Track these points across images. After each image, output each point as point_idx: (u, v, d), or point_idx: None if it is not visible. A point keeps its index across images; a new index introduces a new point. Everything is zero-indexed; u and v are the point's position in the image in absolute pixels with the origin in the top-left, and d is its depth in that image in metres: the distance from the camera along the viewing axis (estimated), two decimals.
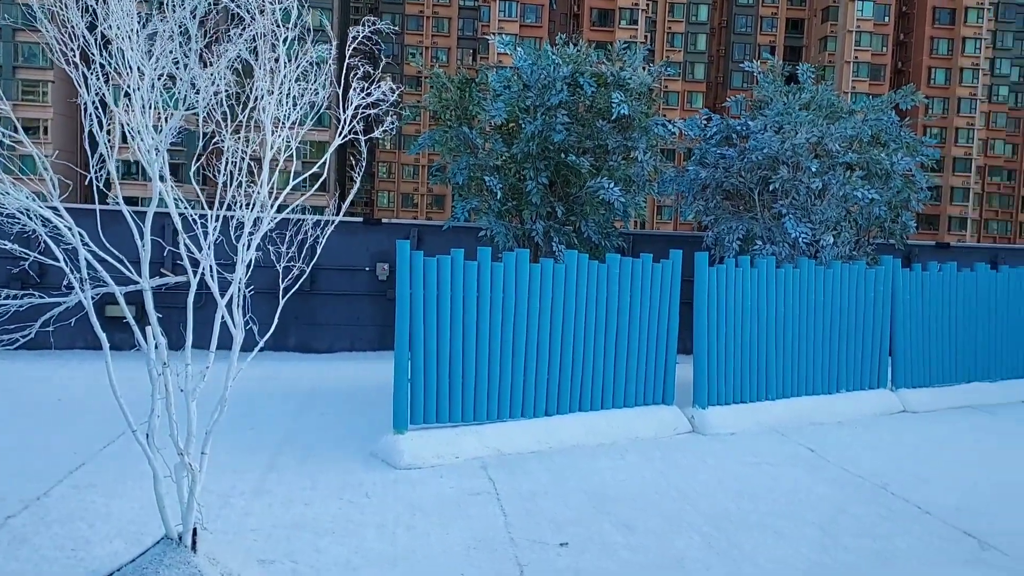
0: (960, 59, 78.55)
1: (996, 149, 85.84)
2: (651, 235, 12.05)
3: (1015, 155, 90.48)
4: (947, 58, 78.81)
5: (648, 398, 7.12)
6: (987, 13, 79.95)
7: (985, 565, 4.49)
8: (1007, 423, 8.05)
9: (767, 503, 5.39)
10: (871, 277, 8.44)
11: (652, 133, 8.51)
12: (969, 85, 78.90)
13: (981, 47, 79.72)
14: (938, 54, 78.90)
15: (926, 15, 78.67)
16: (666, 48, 74.06)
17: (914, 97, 9.56)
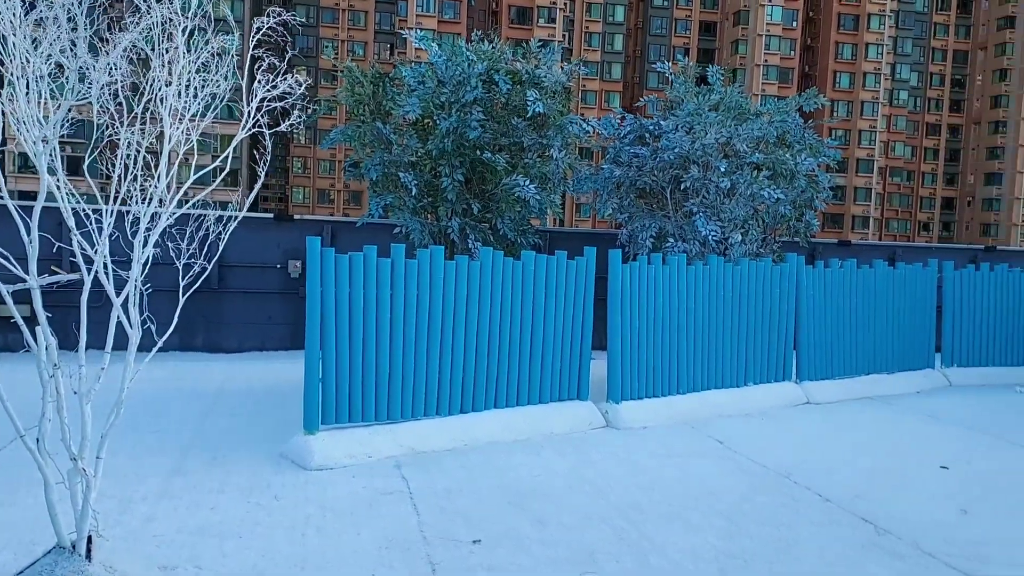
0: (863, 64, 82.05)
1: (896, 151, 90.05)
2: (567, 232, 12.18)
3: (914, 157, 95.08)
4: (851, 63, 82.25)
5: (563, 394, 7.19)
6: (888, 20, 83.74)
7: (880, 549, 4.69)
8: (903, 413, 8.44)
9: (677, 494, 5.50)
10: (777, 274, 8.71)
11: (567, 131, 8.58)
12: (871, 89, 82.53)
13: (883, 53, 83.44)
14: (843, 59, 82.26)
15: (831, 21, 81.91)
16: (584, 47, 75.00)
17: (816, 100, 9.93)
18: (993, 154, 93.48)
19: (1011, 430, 7.73)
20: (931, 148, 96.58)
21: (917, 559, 4.55)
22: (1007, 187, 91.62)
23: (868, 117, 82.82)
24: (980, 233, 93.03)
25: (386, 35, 69.87)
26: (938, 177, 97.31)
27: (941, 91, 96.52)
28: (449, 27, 58.71)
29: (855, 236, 79.96)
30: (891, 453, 6.85)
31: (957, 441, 7.33)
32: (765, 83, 75.08)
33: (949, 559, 4.55)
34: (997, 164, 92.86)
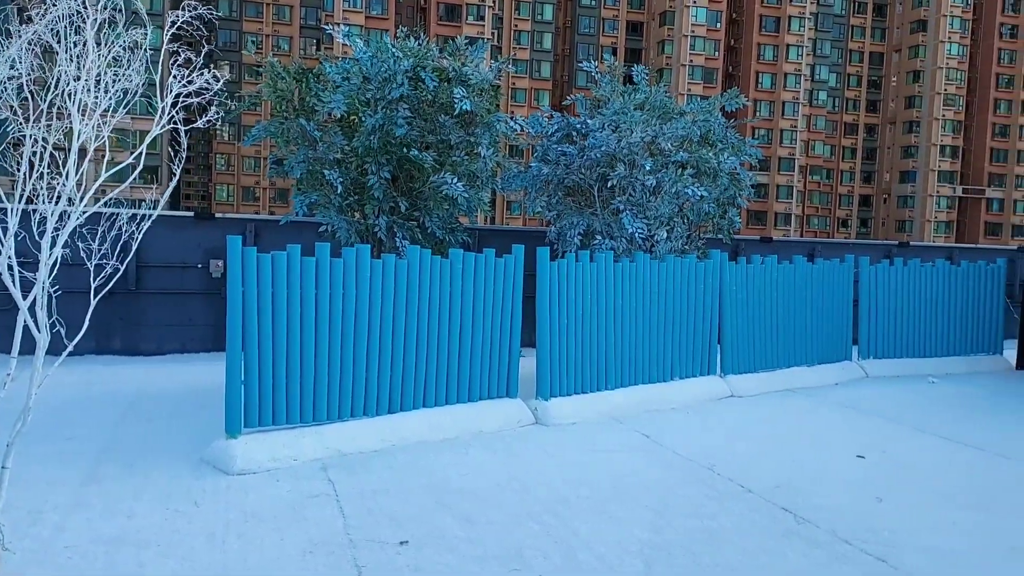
0: (784, 65, 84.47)
1: (816, 150, 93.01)
2: (497, 230, 12.18)
3: (833, 155, 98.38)
4: (773, 64, 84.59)
5: (493, 392, 7.19)
6: (808, 22, 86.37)
7: (799, 538, 4.83)
8: (822, 405, 8.71)
9: (604, 489, 5.57)
10: (701, 270, 8.88)
11: (495, 129, 8.58)
12: (792, 89, 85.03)
13: (803, 54, 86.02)
14: (764, 60, 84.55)
15: (754, 22, 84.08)
16: (513, 45, 75.22)
17: (737, 100, 10.16)
18: (907, 153, 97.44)
19: (923, 419, 8.06)
20: (849, 147, 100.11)
21: (834, 546, 4.71)
22: (920, 185, 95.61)
23: (789, 117, 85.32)
24: (896, 229, 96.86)
25: (312, 30, 68.72)
26: (856, 175, 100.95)
27: (858, 92, 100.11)
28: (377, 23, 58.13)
29: (778, 233, 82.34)
30: (810, 444, 7.07)
31: (873, 431, 7.60)
32: (691, 83, 76.63)
33: (864, 546, 4.72)
34: (911, 162, 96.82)
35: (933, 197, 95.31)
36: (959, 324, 11.08)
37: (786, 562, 4.47)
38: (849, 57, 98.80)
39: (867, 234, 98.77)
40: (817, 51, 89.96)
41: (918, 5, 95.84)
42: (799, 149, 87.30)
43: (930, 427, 7.72)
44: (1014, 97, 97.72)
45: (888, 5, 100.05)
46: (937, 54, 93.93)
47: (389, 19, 60.63)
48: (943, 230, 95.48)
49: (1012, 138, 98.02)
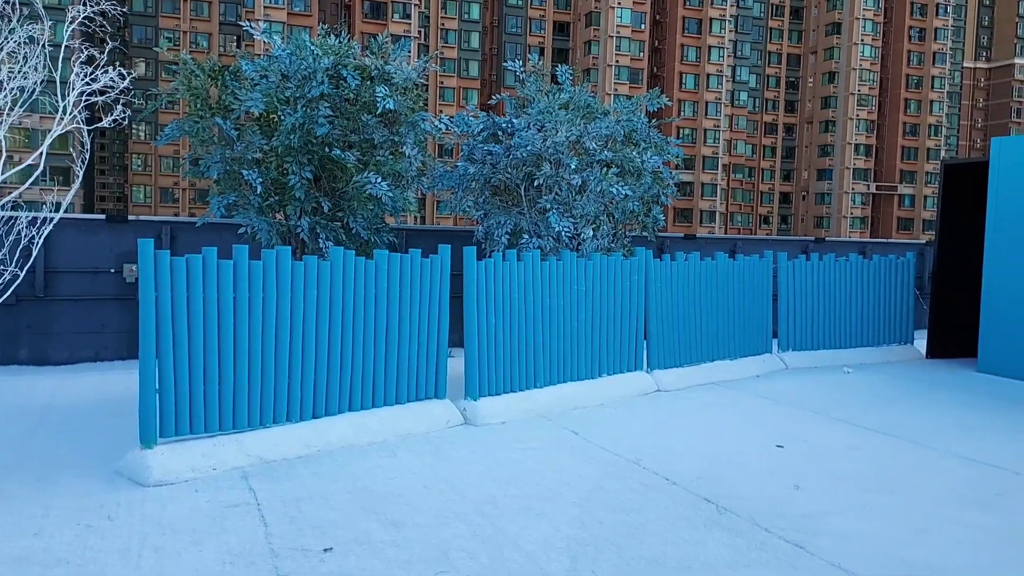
0: (707, 66, 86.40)
1: (738, 149, 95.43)
2: (425, 230, 12.10)
3: (754, 154, 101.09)
4: (696, 64, 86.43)
5: (420, 393, 7.14)
6: (728, 24, 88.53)
7: (720, 527, 4.93)
8: (744, 396, 8.92)
9: (532, 486, 5.58)
10: (627, 267, 8.98)
11: (419, 128, 8.52)
12: (715, 90, 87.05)
13: (724, 55, 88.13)
14: (688, 61, 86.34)
15: (677, 24, 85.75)
16: (440, 44, 74.95)
17: (659, 100, 10.33)
18: (824, 151, 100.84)
19: (839, 408, 8.33)
20: (769, 146, 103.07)
21: (754, 534, 4.82)
22: (836, 182, 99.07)
23: (712, 117, 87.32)
24: (814, 225, 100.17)
25: (232, 27, 67.10)
26: (776, 173, 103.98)
27: (777, 92, 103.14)
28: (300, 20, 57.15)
29: (703, 230, 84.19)
30: (732, 435, 7.23)
31: (792, 421, 7.82)
32: (617, 83, 77.70)
33: (783, 533, 4.85)
34: (827, 161, 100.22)
35: (849, 194, 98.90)
36: (872, 316, 11.50)
37: (707, 551, 4.55)
38: (768, 59, 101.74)
39: (788, 230, 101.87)
40: (738, 53, 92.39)
41: (832, 8, 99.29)
42: (722, 148, 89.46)
43: (845, 416, 7.98)
44: (923, 97, 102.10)
45: (804, 8, 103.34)
46: (851, 56, 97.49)
47: (312, 16, 59.67)
48: (858, 225, 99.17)
49: (922, 137, 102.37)
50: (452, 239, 9.52)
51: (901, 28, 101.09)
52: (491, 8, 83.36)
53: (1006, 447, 6.89)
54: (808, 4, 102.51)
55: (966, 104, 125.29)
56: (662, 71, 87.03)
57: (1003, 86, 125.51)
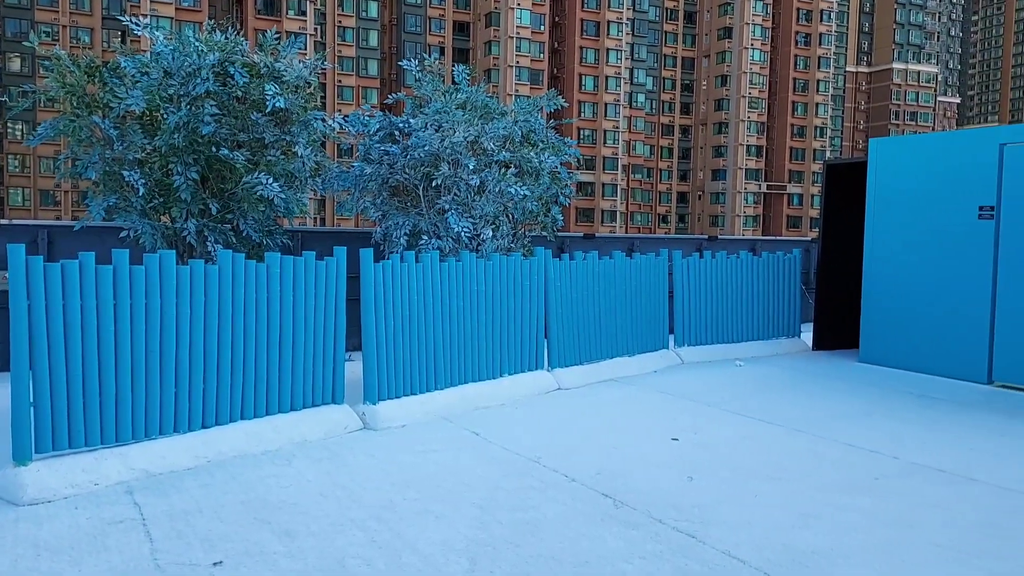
0: (605, 68, 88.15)
1: (637, 150, 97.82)
2: (321, 232, 11.86)
3: (652, 155, 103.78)
4: (594, 66, 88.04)
5: (317, 399, 6.98)
6: (625, 27, 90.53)
7: (617, 521, 5.02)
8: (642, 392, 9.11)
9: (432, 489, 5.54)
10: (527, 267, 9.03)
11: (312, 128, 8.33)
12: (613, 92, 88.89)
13: (622, 58, 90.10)
14: (587, 63, 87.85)
15: (575, 26, 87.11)
16: (338, 42, 73.73)
17: (556, 101, 10.45)
18: (718, 152, 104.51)
19: (731, 400, 8.62)
20: (667, 147, 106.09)
21: (649, 527, 4.92)
22: (730, 182, 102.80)
23: (612, 118, 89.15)
24: (709, 224, 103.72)
25: (117, 22, 64.13)
26: (673, 173, 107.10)
27: (673, 94, 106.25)
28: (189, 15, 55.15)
29: (604, 229, 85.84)
30: (630, 430, 7.38)
31: (687, 414, 8.04)
32: (518, 84, 78.33)
33: (676, 524, 4.97)
34: (721, 161, 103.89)
35: (741, 193, 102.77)
36: (762, 310, 11.95)
37: (605, 546, 4.62)
38: (664, 62, 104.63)
39: (685, 229, 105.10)
40: (635, 55, 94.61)
41: (724, 13, 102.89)
42: (621, 149, 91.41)
43: (737, 407, 8.26)
44: (809, 100, 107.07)
45: (697, 13, 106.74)
46: (741, 60, 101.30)
47: (202, 12, 57.64)
48: (751, 224, 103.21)
49: (808, 138, 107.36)
50: (350, 241, 9.37)
51: (788, 33, 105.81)
52: (389, 6, 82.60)
53: (884, 433, 7.28)
54: (701, 9, 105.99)
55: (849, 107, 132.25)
56: (562, 72, 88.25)
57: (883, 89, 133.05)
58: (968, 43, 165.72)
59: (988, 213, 9.46)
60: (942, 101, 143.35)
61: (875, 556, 4.55)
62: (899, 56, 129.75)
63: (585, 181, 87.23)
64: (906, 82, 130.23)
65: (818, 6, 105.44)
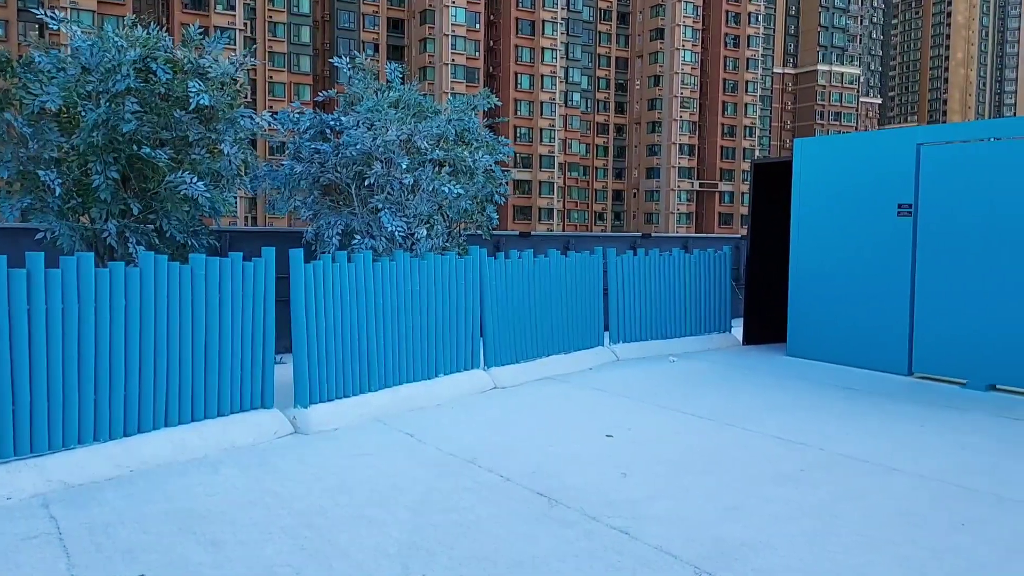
0: (541, 67, 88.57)
1: (573, 148, 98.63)
2: (251, 232, 11.62)
3: (588, 153, 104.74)
4: (530, 65, 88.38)
5: (246, 403, 6.82)
6: (560, 27, 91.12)
7: (551, 520, 5.03)
8: (578, 389, 9.17)
9: (364, 493, 5.47)
10: (462, 266, 8.99)
11: (239, 125, 8.12)
12: (549, 91, 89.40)
13: (557, 57, 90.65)
14: (523, 61, 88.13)
15: (511, 25, 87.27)
16: (269, 38, 72.33)
17: (489, 100, 10.42)
18: (652, 151, 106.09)
19: (664, 395, 8.74)
20: (602, 145, 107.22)
21: (583, 524, 4.95)
22: (664, 180, 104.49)
23: (547, 116, 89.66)
24: (644, 221, 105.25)
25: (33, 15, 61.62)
26: (609, 172, 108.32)
27: (607, 94, 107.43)
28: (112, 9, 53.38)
29: (542, 227, 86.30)
30: (566, 427, 7.41)
31: (621, 410, 8.12)
32: (454, 81, 78.10)
33: (610, 520, 5.00)
34: (655, 160, 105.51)
35: (675, 191, 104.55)
36: (694, 307, 12.16)
37: (539, 545, 4.63)
38: (598, 61, 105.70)
39: (621, 227, 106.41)
40: (570, 55, 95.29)
41: (655, 15, 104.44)
42: (558, 147, 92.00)
43: (670, 402, 8.38)
44: (738, 100, 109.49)
45: (630, 14, 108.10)
46: (673, 60, 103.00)
47: (126, 5, 55.84)
48: (684, 221, 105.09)
49: (738, 137, 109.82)
50: (281, 241, 9.19)
51: (718, 35, 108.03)
52: (322, 2, 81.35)
53: (810, 425, 7.47)
54: (633, 10, 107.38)
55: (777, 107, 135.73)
56: (498, 71, 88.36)
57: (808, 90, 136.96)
58: (889, 46, 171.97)
59: (906, 210, 9.81)
60: (864, 102, 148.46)
61: (800, 546, 4.66)
62: (823, 58, 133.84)
63: (522, 179, 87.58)
64: (830, 83, 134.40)
65: (746, 9, 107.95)
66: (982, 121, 15.16)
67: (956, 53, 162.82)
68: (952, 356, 9.36)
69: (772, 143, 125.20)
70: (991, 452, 6.67)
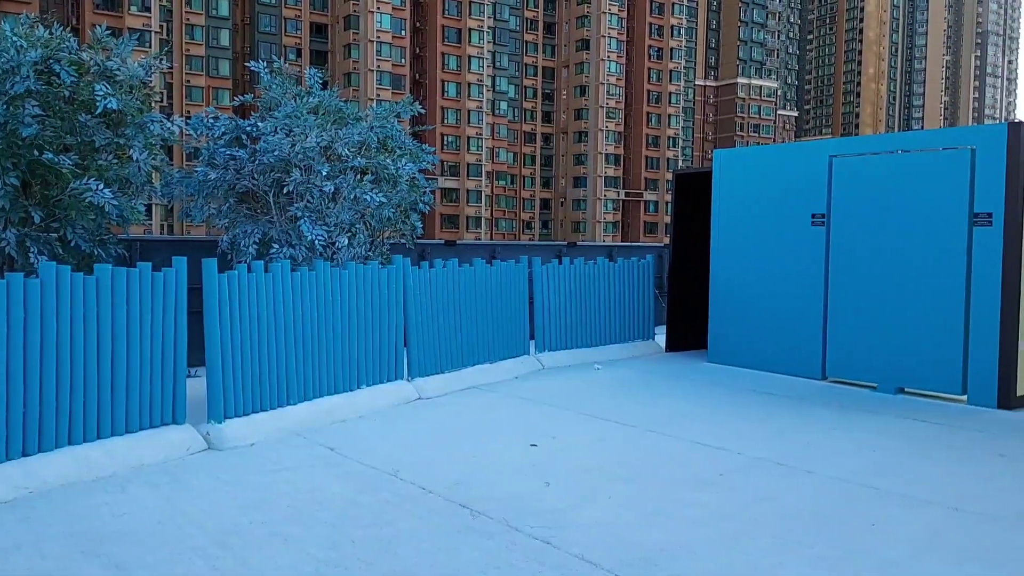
0: (468, 75, 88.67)
1: (501, 157, 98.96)
2: (164, 241, 11.24)
3: (516, 162, 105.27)
4: (457, 73, 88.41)
5: (156, 419, 6.55)
6: (487, 36, 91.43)
7: (473, 532, 4.97)
8: (503, 398, 9.13)
9: (281, 510, 5.31)
10: (384, 276, 8.86)
11: (149, 130, 7.84)
12: (476, 99, 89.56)
13: (484, 66, 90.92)
14: (449, 69, 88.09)
15: (437, 33, 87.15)
16: (186, 41, 70.43)
17: (413, 107, 10.33)
18: (578, 160, 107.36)
19: (588, 403, 8.78)
20: (529, 154, 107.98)
21: (505, 535, 4.91)
22: (590, 189, 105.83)
23: (475, 125, 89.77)
24: (572, 230, 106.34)
25: None
26: (536, 180, 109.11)
27: (535, 103, 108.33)
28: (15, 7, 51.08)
29: (470, 236, 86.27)
30: (490, 437, 7.37)
31: (546, 419, 8.12)
32: (380, 88, 77.45)
33: (533, 530, 4.97)
34: (582, 169, 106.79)
35: (601, 200, 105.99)
36: (618, 314, 12.29)
37: (461, 558, 4.57)
38: (525, 71, 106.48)
39: (549, 235, 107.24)
40: (497, 64, 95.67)
41: (581, 26, 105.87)
42: (485, 155, 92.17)
43: (594, 410, 8.42)
44: (662, 111, 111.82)
45: (556, 24, 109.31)
46: (599, 71, 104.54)
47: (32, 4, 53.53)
48: (611, 230, 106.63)
49: (662, 148, 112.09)
50: (195, 250, 8.89)
51: (642, 47, 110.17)
52: (242, 5, 79.63)
53: (729, 429, 7.61)
54: (560, 20, 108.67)
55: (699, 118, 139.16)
56: (425, 78, 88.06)
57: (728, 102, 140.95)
58: (805, 60, 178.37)
59: (820, 220, 10.12)
60: (782, 114, 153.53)
61: (718, 550, 4.72)
62: (743, 71, 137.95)
63: (450, 188, 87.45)
64: (749, 96, 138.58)
65: (669, 22, 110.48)
66: (891, 134, 15.82)
67: (868, 68, 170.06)
68: (863, 361, 9.69)
69: (695, 154, 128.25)
70: (900, 453, 6.91)
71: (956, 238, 8.83)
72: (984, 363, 8.62)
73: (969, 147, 8.80)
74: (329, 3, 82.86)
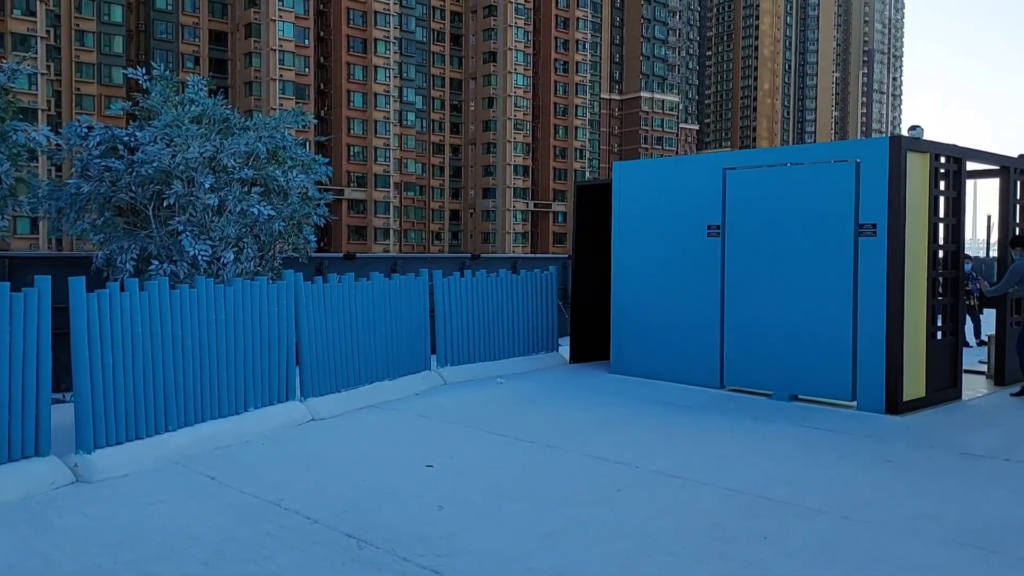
0: (374, 85, 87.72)
1: (409, 167, 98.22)
2: (35, 257, 10.51)
3: (424, 173, 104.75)
4: (363, 83, 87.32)
5: (16, 451, 6.03)
6: (393, 46, 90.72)
7: (359, 563, 4.71)
8: (402, 416, 8.86)
9: (152, 547, 4.92)
10: (274, 292, 8.48)
11: (12, 140, 7.27)
12: (383, 109, 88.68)
13: (390, 76, 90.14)
14: (355, 79, 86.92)
15: (342, 42, 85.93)
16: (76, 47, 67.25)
17: (303, 118, 10.00)
18: (487, 171, 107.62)
19: (489, 419, 8.61)
20: (438, 165, 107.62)
21: (393, 566, 4.67)
22: (499, 200, 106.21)
23: (382, 136, 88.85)
24: (482, 241, 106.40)
25: None
26: (445, 191, 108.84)
27: (443, 114, 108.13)
28: None
29: (378, 247, 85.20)
30: (385, 459, 7.10)
31: (444, 437, 7.90)
32: (283, 98, 75.63)
33: (422, 559, 4.75)
34: (491, 180, 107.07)
35: (510, 211, 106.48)
36: (522, 327, 12.19)
37: None
38: (433, 82, 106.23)
39: (459, 246, 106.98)
40: (403, 74, 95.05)
41: (488, 38, 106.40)
42: (393, 166, 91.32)
43: (494, 427, 8.25)
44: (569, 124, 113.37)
45: (463, 36, 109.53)
46: (506, 83, 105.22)
47: None
48: (520, 241, 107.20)
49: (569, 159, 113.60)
50: (67, 267, 8.33)
51: (548, 60, 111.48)
52: (136, 11, 76.58)
53: (629, 442, 7.57)
54: (466, 32, 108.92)
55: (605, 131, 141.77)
56: (330, 88, 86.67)
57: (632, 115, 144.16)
58: (704, 76, 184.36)
59: (715, 231, 10.27)
60: (684, 128, 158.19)
61: (613, 570, 4.60)
62: (646, 85, 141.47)
63: (357, 199, 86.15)
64: (652, 109, 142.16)
65: (574, 36, 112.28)
66: (781, 148, 16.30)
67: (763, 84, 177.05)
68: (758, 370, 9.85)
69: (602, 165, 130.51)
70: (793, 460, 7.00)
71: (844, 248, 9.08)
72: (872, 370, 8.87)
73: (854, 160, 9.08)
74: (229, 11, 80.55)
